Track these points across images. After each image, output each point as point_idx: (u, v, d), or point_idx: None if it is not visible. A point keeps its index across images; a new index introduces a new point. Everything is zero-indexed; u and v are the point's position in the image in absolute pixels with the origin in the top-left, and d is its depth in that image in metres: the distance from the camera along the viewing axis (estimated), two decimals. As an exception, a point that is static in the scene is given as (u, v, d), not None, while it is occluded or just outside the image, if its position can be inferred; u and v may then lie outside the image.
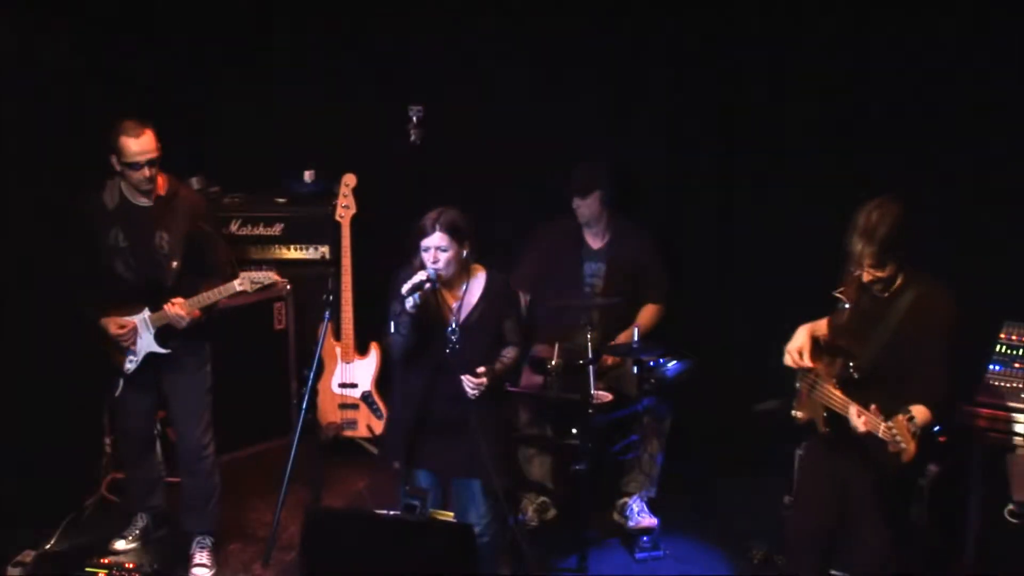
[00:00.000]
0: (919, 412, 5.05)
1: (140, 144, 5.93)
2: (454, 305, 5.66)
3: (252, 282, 6.09)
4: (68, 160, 6.67)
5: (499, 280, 5.74)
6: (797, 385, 5.52)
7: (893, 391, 5.16)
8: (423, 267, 5.52)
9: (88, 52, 6.99)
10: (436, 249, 5.52)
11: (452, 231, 5.54)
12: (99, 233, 6.08)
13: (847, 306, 5.34)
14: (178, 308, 6.07)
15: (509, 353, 5.76)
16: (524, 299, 7.02)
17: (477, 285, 5.69)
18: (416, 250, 5.57)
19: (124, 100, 6.86)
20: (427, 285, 5.48)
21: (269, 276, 6.12)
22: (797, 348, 5.44)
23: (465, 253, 5.60)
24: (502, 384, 5.84)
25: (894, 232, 5.08)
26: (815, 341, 5.46)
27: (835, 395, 5.27)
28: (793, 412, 5.54)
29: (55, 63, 6.81)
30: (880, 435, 5.03)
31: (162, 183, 6.10)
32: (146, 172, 5.97)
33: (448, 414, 5.61)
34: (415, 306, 5.46)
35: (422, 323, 5.53)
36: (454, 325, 5.61)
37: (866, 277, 5.20)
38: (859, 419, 5.12)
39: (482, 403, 5.60)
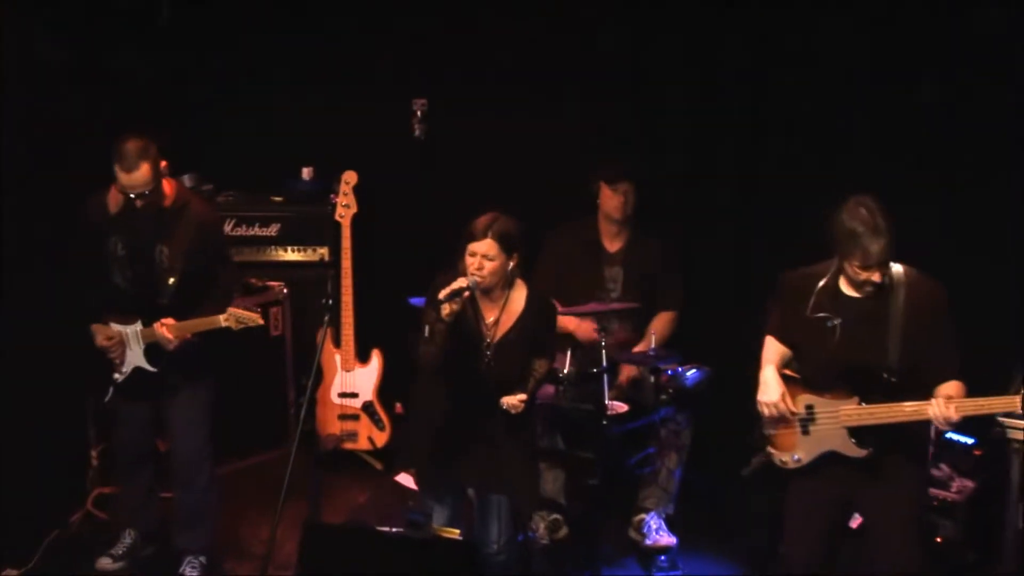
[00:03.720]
0: (955, 389, 5.18)
1: (132, 179, 5.90)
2: (491, 319, 5.64)
3: (237, 321, 6.03)
4: (62, 160, 6.75)
5: (540, 299, 5.71)
6: (767, 432, 5.48)
7: (918, 382, 5.22)
8: (464, 273, 5.48)
9: (79, 46, 7.05)
10: (482, 257, 5.48)
11: (503, 240, 5.49)
12: (101, 237, 6.09)
13: (836, 322, 5.29)
14: (166, 331, 6.05)
15: (541, 367, 5.75)
16: None
17: (518, 302, 5.66)
18: (462, 253, 5.52)
19: (116, 94, 6.98)
20: (465, 293, 5.44)
21: (254, 318, 6.02)
22: (779, 396, 5.40)
23: (512, 266, 5.56)
24: (533, 400, 5.84)
25: (893, 226, 5.14)
26: (785, 378, 5.45)
27: (868, 413, 5.27)
28: (780, 460, 5.48)
29: (48, 58, 6.89)
30: (955, 419, 5.14)
31: (170, 191, 6.09)
32: (138, 203, 5.97)
33: (477, 429, 5.63)
34: (452, 314, 5.40)
35: (457, 335, 5.51)
36: (489, 341, 5.60)
37: (875, 278, 5.19)
38: (948, 409, 5.14)
39: (512, 420, 5.62)
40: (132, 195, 5.92)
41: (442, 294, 5.35)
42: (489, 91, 7.65)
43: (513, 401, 5.52)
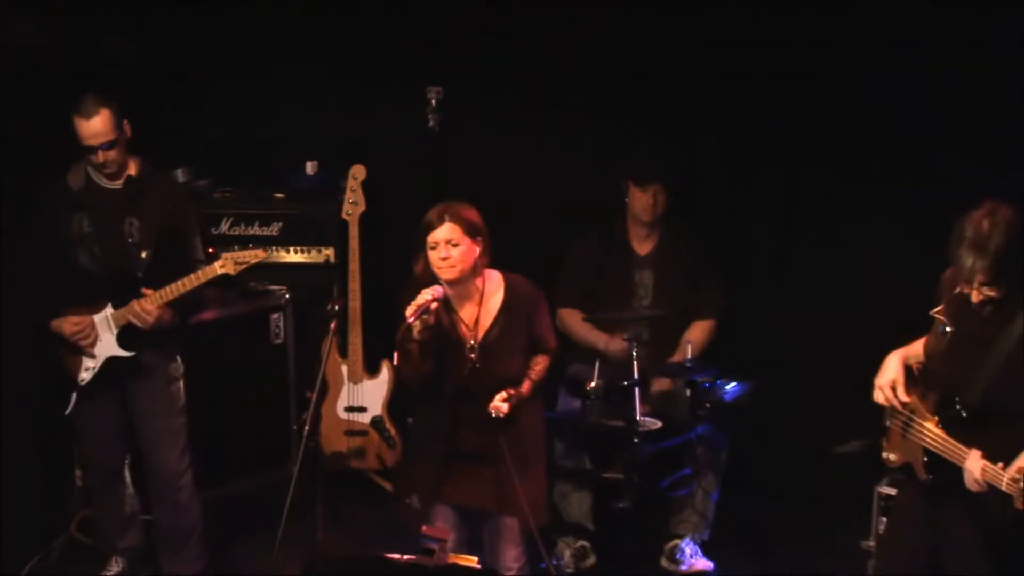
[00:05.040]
0: None
1: (92, 127, 5.92)
2: (470, 319, 5.62)
3: (236, 263, 6.01)
4: (40, 148, 6.69)
5: (520, 284, 5.67)
6: (887, 423, 5.36)
7: (1002, 431, 5.01)
8: (427, 282, 5.47)
9: (59, 25, 7.00)
10: (446, 243, 5.47)
11: (463, 223, 5.49)
12: (61, 221, 6.07)
13: (948, 329, 5.15)
14: (145, 303, 5.99)
15: (539, 363, 5.72)
16: (575, 317, 6.97)
17: (495, 292, 5.64)
18: (421, 252, 5.52)
19: (99, 79, 6.79)
20: (434, 305, 5.42)
21: (256, 254, 6.05)
22: (890, 382, 5.27)
23: (478, 252, 5.54)
24: (536, 403, 5.79)
25: (1010, 243, 4.91)
26: (908, 370, 5.31)
27: (940, 438, 5.11)
28: (884, 455, 5.38)
29: (25, 39, 6.86)
30: (1004, 488, 4.84)
31: (133, 164, 6.12)
32: (100, 157, 5.97)
33: (476, 444, 5.60)
34: (425, 330, 5.42)
35: (436, 347, 5.51)
36: (472, 343, 5.58)
37: (975, 297, 5.01)
38: (977, 468, 4.92)
39: (514, 429, 5.59)
40: (93, 147, 5.91)
41: (408, 312, 5.38)
42: (510, 78, 7.57)
43: (496, 403, 5.51)
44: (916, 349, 5.35)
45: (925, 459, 5.16)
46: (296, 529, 6.02)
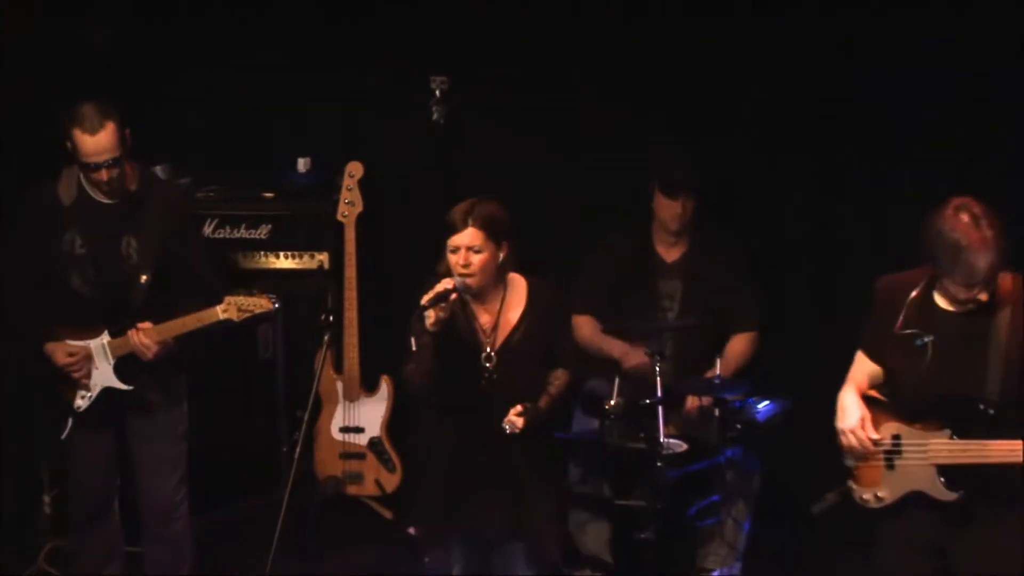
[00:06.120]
0: None
1: (98, 143, 5.72)
2: (488, 325, 5.51)
3: (240, 310, 5.88)
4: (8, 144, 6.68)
5: (544, 289, 5.58)
6: (853, 464, 5.27)
7: (1018, 419, 5.05)
8: (449, 274, 5.40)
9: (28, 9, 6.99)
10: (467, 250, 5.36)
11: (488, 226, 5.36)
12: (51, 236, 5.94)
13: (928, 339, 5.07)
14: (144, 336, 5.85)
15: (559, 378, 5.61)
16: (592, 325, 6.87)
17: (517, 298, 5.54)
18: (444, 254, 5.42)
19: (74, 67, 6.87)
20: (453, 295, 5.31)
21: (262, 303, 5.90)
22: (859, 421, 5.19)
23: (503, 257, 5.43)
24: (553, 422, 5.74)
25: (1002, 233, 4.94)
26: (870, 401, 5.26)
27: (957, 449, 5.05)
28: (862, 496, 5.27)
29: None
30: None
31: (132, 175, 5.95)
32: (104, 175, 5.77)
33: (488, 464, 5.49)
34: (438, 323, 5.27)
35: (449, 348, 5.38)
36: (489, 350, 5.47)
37: (982, 297, 5.01)
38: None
39: (530, 449, 5.47)
40: (98, 164, 5.72)
41: (424, 299, 5.30)
42: (522, 66, 7.43)
43: (511, 417, 5.40)
44: (860, 378, 5.34)
45: (942, 479, 5.09)
46: (286, 562, 6.02)
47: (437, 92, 6.94)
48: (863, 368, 5.31)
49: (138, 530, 6.25)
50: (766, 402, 6.49)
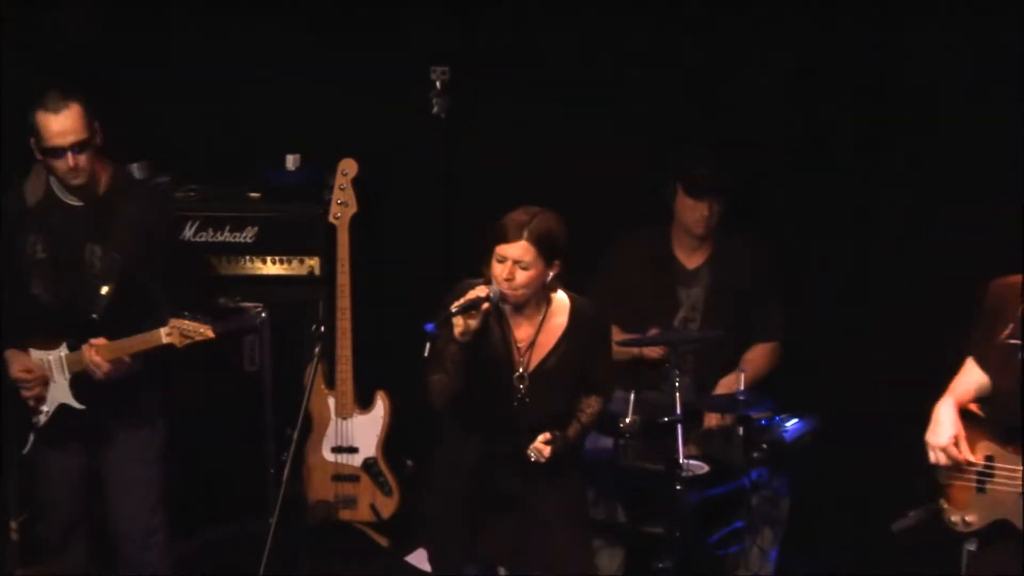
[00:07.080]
0: None
1: (61, 122, 5.67)
2: (524, 342, 5.37)
3: (182, 335, 5.76)
4: None
5: (589, 311, 5.44)
6: (945, 482, 5.17)
7: None
8: (488, 281, 5.29)
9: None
10: (514, 263, 5.20)
11: (542, 243, 5.21)
12: (14, 238, 5.92)
13: None
14: (95, 353, 5.77)
15: (591, 406, 5.48)
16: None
17: (559, 318, 5.40)
18: (488, 257, 5.27)
19: (44, 61, 6.86)
20: (485, 304, 5.17)
21: (201, 331, 5.78)
22: (950, 439, 5.07)
23: (551, 276, 5.29)
24: (581, 449, 5.65)
25: None
26: (967, 416, 5.14)
27: None
28: (951, 519, 5.16)
29: None
30: None
31: (104, 177, 5.89)
32: (70, 161, 5.70)
33: (512, 489, 5.38)
34: (467, 333, 5.12)
35: (477, 362, 5.24)
36: (522, 371, 5.33)
37: None
38: None
39: (557, 476, 5.37)
40: (62, 147, 5.67)
41: (454, 305, 5.17)
42: (529, 55, 7.32)
43: (538, 445, 5.30)
44: (964, 389, 5.21)
45: None
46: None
47: (438, 83, 6.97)
48: (970, 378, 5.17)
49: (114, 559, 6.21)
50: (794, 420, 6.43)
